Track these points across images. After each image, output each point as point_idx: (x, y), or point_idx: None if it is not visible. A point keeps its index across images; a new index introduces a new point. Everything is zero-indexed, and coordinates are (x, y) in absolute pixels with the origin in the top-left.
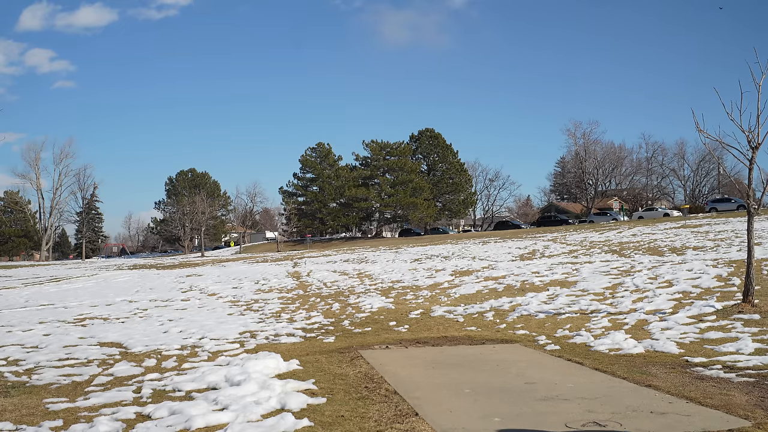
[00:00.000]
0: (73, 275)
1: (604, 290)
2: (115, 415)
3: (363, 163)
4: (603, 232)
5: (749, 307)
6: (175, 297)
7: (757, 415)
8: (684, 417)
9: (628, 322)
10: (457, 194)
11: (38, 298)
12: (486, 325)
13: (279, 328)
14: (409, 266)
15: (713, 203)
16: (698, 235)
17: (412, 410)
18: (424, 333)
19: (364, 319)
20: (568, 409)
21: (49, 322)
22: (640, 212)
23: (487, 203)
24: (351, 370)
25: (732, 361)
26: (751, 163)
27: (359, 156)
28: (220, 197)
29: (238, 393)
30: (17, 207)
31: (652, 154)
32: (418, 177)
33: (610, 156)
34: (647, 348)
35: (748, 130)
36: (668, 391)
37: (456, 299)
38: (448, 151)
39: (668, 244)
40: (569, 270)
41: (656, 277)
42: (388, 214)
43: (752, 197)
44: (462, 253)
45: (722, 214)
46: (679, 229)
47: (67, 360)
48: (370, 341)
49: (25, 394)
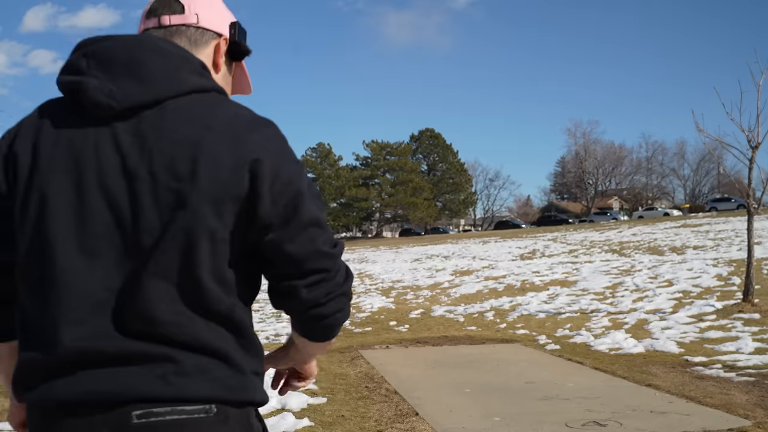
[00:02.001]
0: None
1: (604, 290)
2: None
3: (363, 163)
4: (603, 231)
5: (749, 307)
6: None
7: (757, 414)
8: (684, 416)
9: (628, 321)
10: (458, 194)
11: None
12: (486, 324)
13: (279, 328)
14: (409, 266)
15: (713, 203)
16: (698, 234)
17: (413, 410)
18: (424, 333)
19: (365, 318)
20: (568, 408)
21: None
22: (640, 212)
23: (487, 203)
24: (351, 369)
25: (732, 360)
26: (751, 162)
27: (359, 156)
28: None
29: None
30: None
31: (652, 154)
32: (418, 177)
33: (610, 156)
34: (647, 347)
35: (747, 130)
36: (668, 391)
37: (456, 299)
38: (448, 150)
39: (668, 244)
40: (569, 269)
41: (656, 276)
42: (389, 214)
43: (752, 197)
44: (462, 253)
45: (722, 214)
46: (679, 228)
47: None
48: (371, 341)
49: None
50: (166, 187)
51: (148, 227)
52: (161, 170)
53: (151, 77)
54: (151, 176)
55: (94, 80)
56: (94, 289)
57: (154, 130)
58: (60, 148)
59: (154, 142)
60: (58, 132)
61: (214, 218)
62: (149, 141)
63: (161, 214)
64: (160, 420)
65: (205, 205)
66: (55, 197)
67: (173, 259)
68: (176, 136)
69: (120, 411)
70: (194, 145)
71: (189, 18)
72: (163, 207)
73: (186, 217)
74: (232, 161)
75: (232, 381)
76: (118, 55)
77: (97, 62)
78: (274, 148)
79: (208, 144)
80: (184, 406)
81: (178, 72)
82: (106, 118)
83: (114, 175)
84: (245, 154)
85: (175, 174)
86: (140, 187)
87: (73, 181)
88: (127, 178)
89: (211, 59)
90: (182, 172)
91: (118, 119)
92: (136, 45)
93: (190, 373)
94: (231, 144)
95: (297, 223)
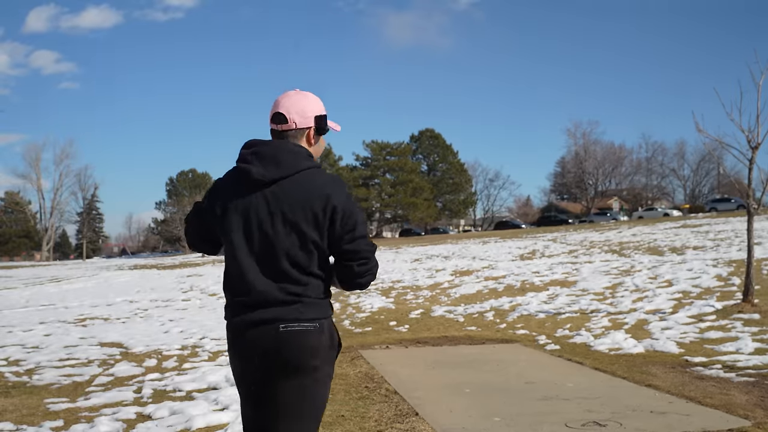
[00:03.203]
0: (74, 275)
1: (604, 290)
2: (116, 415)
3: (363, 164)
4: (603, 231)
5: (749, 307)
6: (176, 297)
7: (757, 414)
8: (684, 416)
9: (628, 321)
10: (457, 194)
11: (39, 299)
12: (486, 324)
13: None
14: (409, 266)
15: (713, 203)
16: (698, 234)
17: (413, 410)
18: (424, 333)
19: (365, 319)
20: (568, 408)
21: (49, 322)
22: (640, 212)
23: (487, 203)
24: (351, 369)
25: (732, 360)
26: (751, 163)
27: (359, 156)
28: None
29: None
30: (18, 207)
31: (652, 154)
32: (418, 177)
33: (609, 156)
34: (647, 348)
35: (747, 130)
36: (668, 391)
37: (456, 299)
38: (448, 151)
39: (668, 244)
40: (569, 270)
41: (656, 276)
42: (389, 214)
43: (752, 197)
44: (462, 253)
45: (722, 214)
46: (679, 228)
47: (67, 360)
48: (371, 341)
49: (26, 395)
50: (286, 218)
51: (280, 238)
52: (286, 210)
53: (284, 164)
54: (281, 213)
55: (255, 167)
56: (257, 270)
57: (283, 191)
58: (236, 199)
59: (283, 196)
60: (236, 190)
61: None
62: (280, 195)
63: (286, 232)
64: (292, 329)
65: (305, 226)
66: (237, 225)
67: (294, 253)
68: (293, 194)
69: (275, 326)
70: (304, 200)
71: (290, 125)
72: (286, 228)
73: (294, 232)
74: (321, 206)
75: (322, 309)
76: (268, 153)
77: (258, 158)
78: (343, 198)
79: (308, 199)
80: (303, 324)
81: (297, 160)
82: (260, 186)
83: (263, 213)
84: (328, 203)
85: (291, 212)
86: (275, 219)
87: (243, 217)
88: (270, 214)
89: (306, 140)
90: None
91: (266, 186)
92: (278, 147)
93: (306, 307)
94: (319, 198)
95: (352, 237)
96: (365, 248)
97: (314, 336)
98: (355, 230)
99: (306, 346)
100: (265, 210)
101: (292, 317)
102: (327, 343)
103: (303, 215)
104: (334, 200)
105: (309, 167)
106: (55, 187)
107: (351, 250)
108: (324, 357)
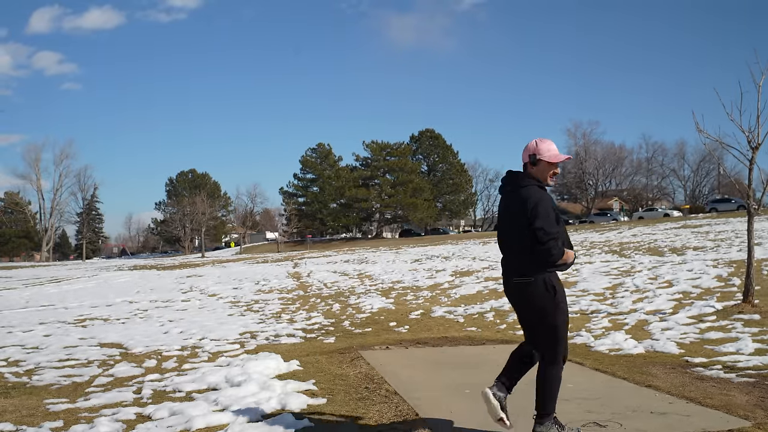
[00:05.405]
0: (74, 276)
1: (604, 290)
2: (116, 416)
3: (363, 164)
4: (603, 232)
5: (749, 307)
6: (176, 297)
7: (758, 415)
8: (684, 417)
9: (628, 322)
10: (458, 195)
11: (39, 299)
12: (486, 325)
13: (279, 328)
14: (409, 267)
15: (713, 203)
16: (698, 235)
17: (413, 411)
18: (424, 333)
19: (365, 319)
20: (568, 409)
21: (49, 322)
22: (640, 212)
23: (487, 204)
24: (351, 370)
25: (732, 361)
26: (751, 163)
27: (359, 156)
28: (220, 198)
29: (238, 394)
30: (18, 208)
31: (652, 155)
32: (418, 177)
33: (610, 156)
34: (647, 348)
35: (748, 131)
36: (668, 392)
37: (456, 300)
38: (448, 151)
39: (668, 245)
40: (569, 270)
41: (656, 277)
42: (389, 215)
43: (752, 197)
44: (462, 254)
45: (722, 214)
46: (680, 229)
47: (67, 361)
48: (371, 342)
49: (26, 395)
50: (514, 214)
51: (513, 229)
52: (513, 209)
53: (517, 183)
54: (511, 211)
55: (505, 187)
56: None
57: (514, 196)
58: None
59: (512, 200)
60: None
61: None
62: (511, 199)
63: (513, 223)
64: (518, 282)
65: (522, 219)
66: (501, 217)
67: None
68: (517, 198)
69: (512, 278)
70: (521, 202)
71: (524, 159)
72: (514, 221)
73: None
74: (526, 207)
75: (534, 268)
76: (511, 180)
77: (506, 183)
78: (537, 202)
79: (524, 203)
80: (524, 278)
81: (524, 181)
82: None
83: (505, 211)
84: (528, 205)
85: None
86: (509, 216)
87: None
88: (507, 211)
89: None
90: (517, 210)
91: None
92: (517, 175)
93: (525, 269)
94: (523, 202)
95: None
96: (544, 237)
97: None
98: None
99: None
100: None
101: (518, 274)
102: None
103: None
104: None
105: (530, 184)
106: (54, 188)
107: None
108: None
